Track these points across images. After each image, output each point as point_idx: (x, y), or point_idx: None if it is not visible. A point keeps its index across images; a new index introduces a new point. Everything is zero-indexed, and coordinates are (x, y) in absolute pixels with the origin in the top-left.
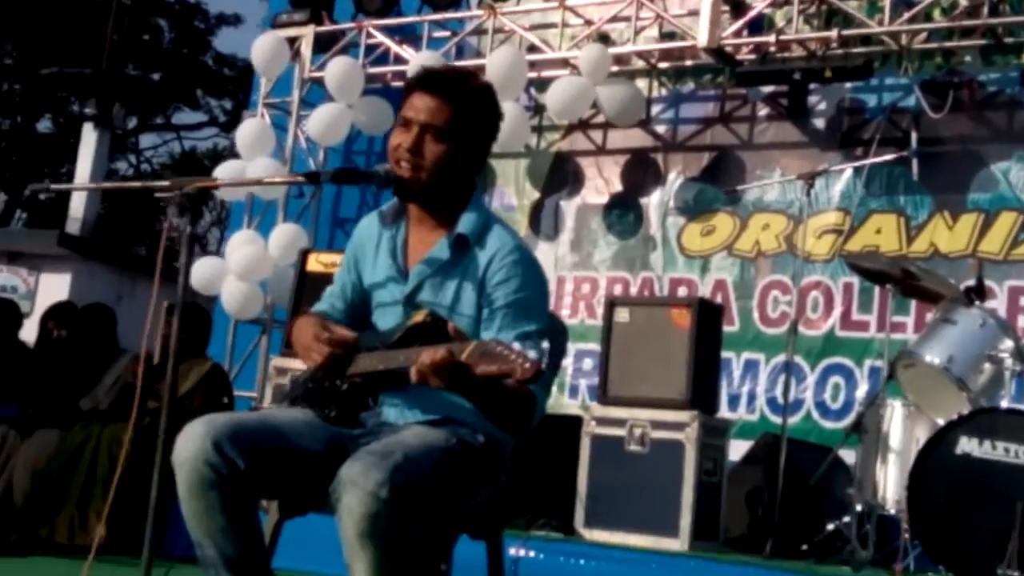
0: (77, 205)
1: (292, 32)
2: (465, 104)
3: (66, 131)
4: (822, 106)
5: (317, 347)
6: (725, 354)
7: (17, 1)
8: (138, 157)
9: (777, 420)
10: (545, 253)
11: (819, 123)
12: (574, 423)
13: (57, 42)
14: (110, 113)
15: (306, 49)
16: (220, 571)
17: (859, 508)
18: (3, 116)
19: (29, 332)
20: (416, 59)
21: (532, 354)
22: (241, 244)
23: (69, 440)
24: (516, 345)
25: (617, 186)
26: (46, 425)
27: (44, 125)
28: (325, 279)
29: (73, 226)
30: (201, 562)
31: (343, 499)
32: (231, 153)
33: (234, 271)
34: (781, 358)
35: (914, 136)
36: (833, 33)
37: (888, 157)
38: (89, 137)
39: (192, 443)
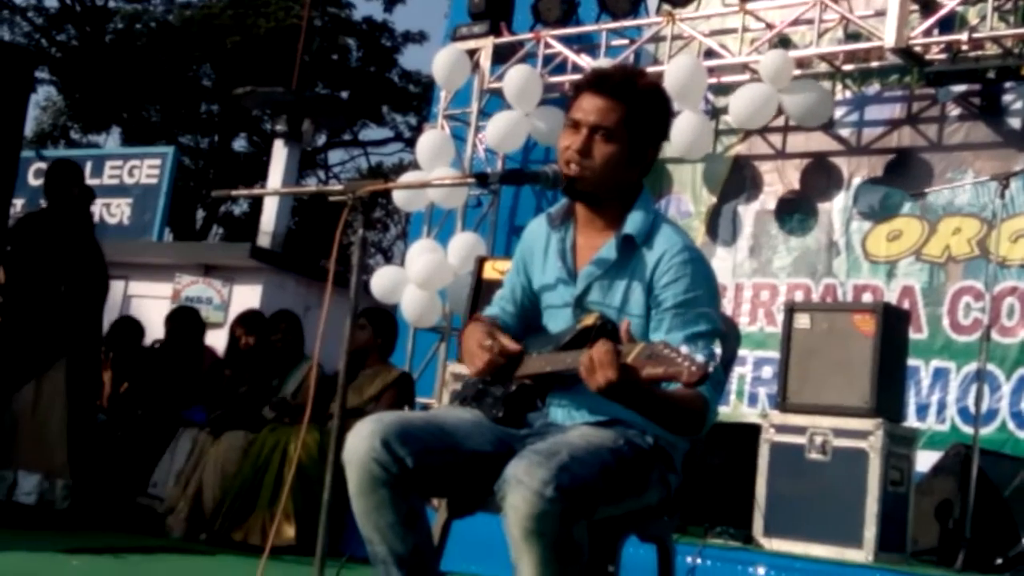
0: (268, 219)
1: (472, 44)
2: (634, 104)
3: (260, 149)
4: (1018, 104)
5: (479, 353)
6: (913, 362)
7: (213, 26)
8: (327, 173)
9: (969, 431)
10: (723, 260)
11: (1015, 122)
12: (753, 431)
13: (251, 63)
14: (300, 130)
15: (485, 60)
16: (390, 568)
17: None
18: (202, 135)
19: (223, 340)
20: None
21: (700, 357)
22: (421, 253)
23: (258, 443)
24: (684, 348)
25: (797, 190)
26: (234, 427)
27: (240, 144)
28: (500, 286)
29: (264, 239)
30: (371, 559)
31: (508, 497)
32: (415, 167)
33: (414, 279)
34: (973, 366)
35: None
36: None
37: None
38: (280, 153)
39: (361, 441)
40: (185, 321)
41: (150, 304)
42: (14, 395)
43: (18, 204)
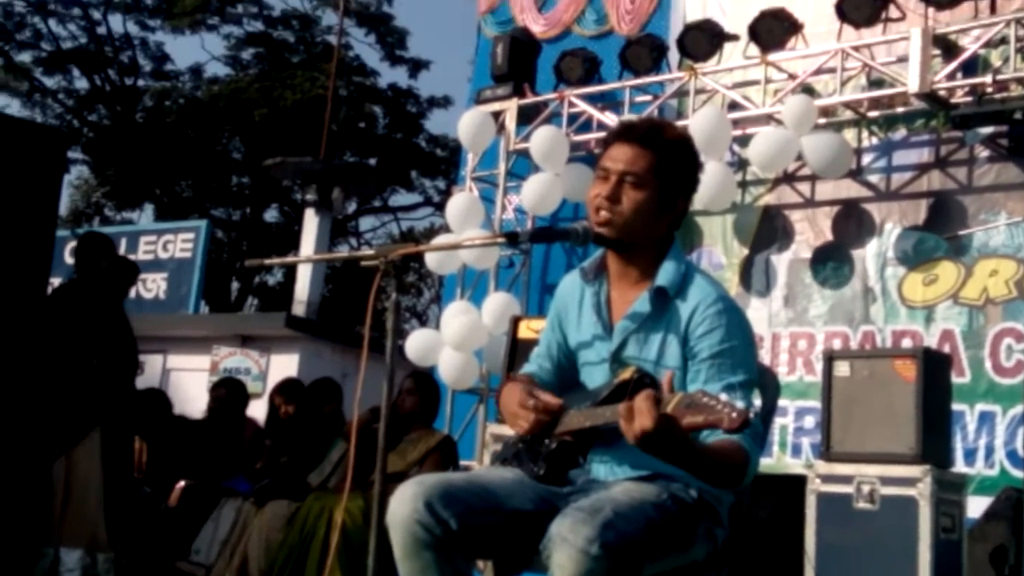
0: (302, 288)
1: (496, 106)
2: (663, 152)
3: (291, 219)
4: None
5: (523, 414)
6: (957, 406)
7: (241, 100)
8: (358, 240)
9: (1019, 474)
10: (758, 310)
11: None
12: (798, 482)
13: (280, 135)
14: (330, 198)
15: (510, 122)
16: None
17: None
18: (234, 207)
19: (263, 410)
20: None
21: (740, 404)
22: (456, 314)
23: (303, 511)
24: (724, 396)
25: (829, 238)
26: (278, 497)
27: (271, 215)
28: (536, 345)
29: (299, 308)
30: None
31: (553, 556)
32: (446, 230)
33: (449, 341)
34: (1019, 409)
35: None
36: None
37: None
38: (311, 222)
39: (405, 505)
40: (230, 392)
41: (189, 377)
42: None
43: (55, 283)
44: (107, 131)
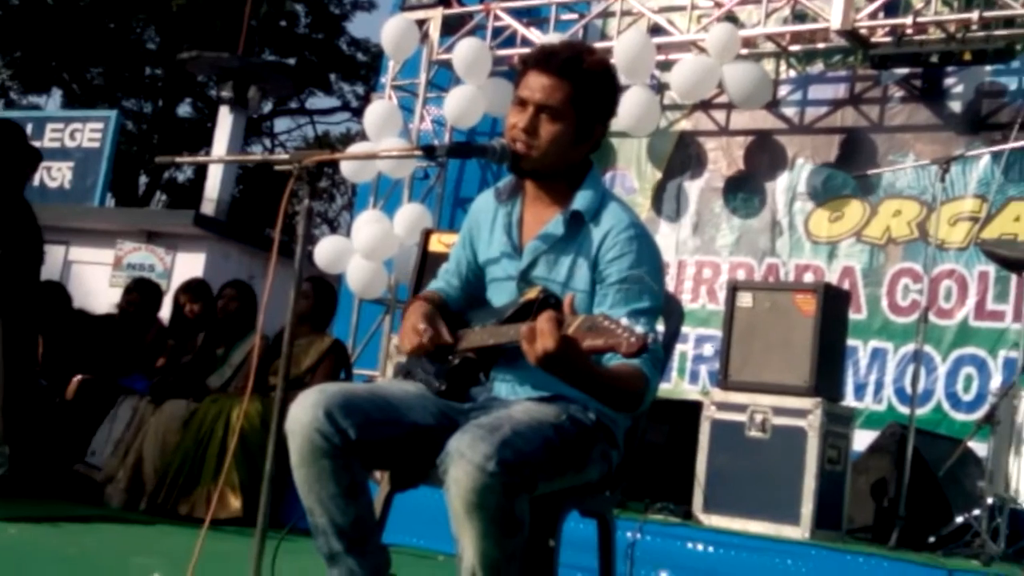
0: (212, 187)
1: (421, 15)
2: (581, 82)
3: (205, 115)
4: (959, 89)
5: (411, 336)
6: (852, 342)
7: None
8: (273, 141)
9: (905, 410)
10: (667, 236)
11: (955, 106)
12: (694, 408)
13: (197, 27)
14: (246, 97)
15: (434, 32)
16: (330, 539)
17: (990, 501)
18: (145, 99)
19: (166, 308)
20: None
21: (639, 329)
22: (367, 223)
23: (200, 413)
24: (624, 320)
25: (742, 168)
26: (176, 396)
27: (184, 109)
28: (446, 259)
29: (208, 207)
30: (312, 530)
31: (450, 471)
32: (362, 137)
33: (359, 249)
34: (910, 347)
35: None
36: (974, 15)
37: None
38: (225, 120)
39: (305, 412)
40: (143, 296)
41: (91, 270)
42: None
43: None
44: (15, 10)
